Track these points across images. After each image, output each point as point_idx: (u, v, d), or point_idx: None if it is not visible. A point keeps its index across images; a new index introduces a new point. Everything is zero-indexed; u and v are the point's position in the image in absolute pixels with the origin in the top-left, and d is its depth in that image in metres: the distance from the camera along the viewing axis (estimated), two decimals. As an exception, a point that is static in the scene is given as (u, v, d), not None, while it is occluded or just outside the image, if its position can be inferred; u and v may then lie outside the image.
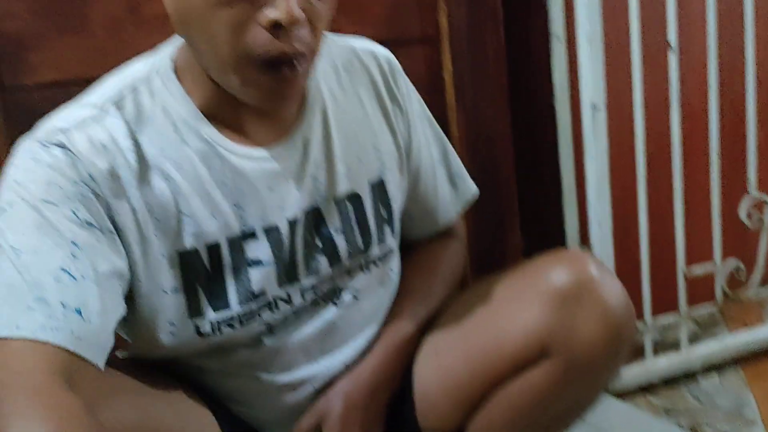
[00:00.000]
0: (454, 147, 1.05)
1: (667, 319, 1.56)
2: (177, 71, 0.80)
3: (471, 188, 1.05)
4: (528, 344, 0.84)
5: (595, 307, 0.82)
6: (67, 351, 0.65)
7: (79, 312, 0.66)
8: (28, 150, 0.73)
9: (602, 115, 1.33)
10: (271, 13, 0.69)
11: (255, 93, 0.75)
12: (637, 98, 1.37)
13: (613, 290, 0.84)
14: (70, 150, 0.72)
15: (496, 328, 0.88)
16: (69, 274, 0.68)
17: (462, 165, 1.05)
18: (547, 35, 1.42)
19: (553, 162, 1.46)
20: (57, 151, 0.72)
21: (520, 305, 0.86)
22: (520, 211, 1.40)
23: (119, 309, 0.73)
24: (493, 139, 1.38)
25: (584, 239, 1.47)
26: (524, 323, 0.85)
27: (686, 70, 1.44)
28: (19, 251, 0.68)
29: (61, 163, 0.72)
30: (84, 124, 0.75)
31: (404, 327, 0.94)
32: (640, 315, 1.44)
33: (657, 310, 1.49)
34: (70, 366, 0.65)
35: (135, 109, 0.78)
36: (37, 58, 1.12)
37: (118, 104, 0.77)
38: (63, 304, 0.66)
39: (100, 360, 0.68)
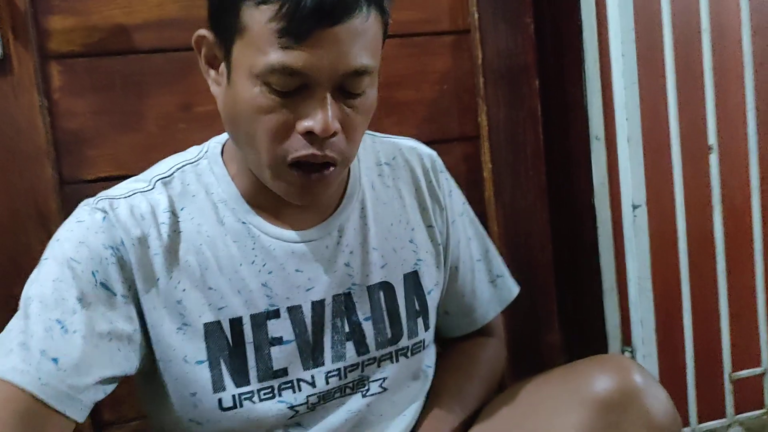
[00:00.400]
0: (492, 243, 1.06)
1: (713, 425, 1.50)
2: (224, 155, 0.86)
3: (512, 288, 1.05)
4: (570, 453, 0.82)
5: (640, 416, 0.81)
6: (32, 395, 0.69)
7: (55, 361, 0.71)
8: (78, 212, 0.81)
9: (643, 214, 1.33)
10: (308, 123, 0.73)
11: (286, 188, 0.79)
12: (678, 198, 1.37)
13: (659, 399, 0.83)
14: (109, 215, 0.79)
15: (536, 435, 0.86)
16: (62, 326, 0.73)
17: (504, 265, 1.05)
18: (586, 135, 1.44)
19: (593, 260, 1.45)
20: (98, 215, 0.79)
21: (561, 412, 0.84)
22: (559, 310, 1.39)
23: (112, 368, 0.76)
24: (531, 236, 1.39)
25: (626, 339, 1.44)
26: (567, 431, 0.82)
27: (727, 169, 1.44)
28: (31, 300, 0.75)
29: (98, 227, 0.78)
30: (131, 195, 0.82)
31: (440, 428, 0.92)
32: (685, 421, 1.39)
33: (703, 415, 1.43)
34: (32, 410, 0.69)
35: (180, 187, 0.84)
36: (96, 154, 1.17)
37: (166, 182, 0.83)
38: (42, 352, 0.71)
39: (70, 410, 0.72)
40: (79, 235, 0.77)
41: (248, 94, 0.74)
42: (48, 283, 0.75)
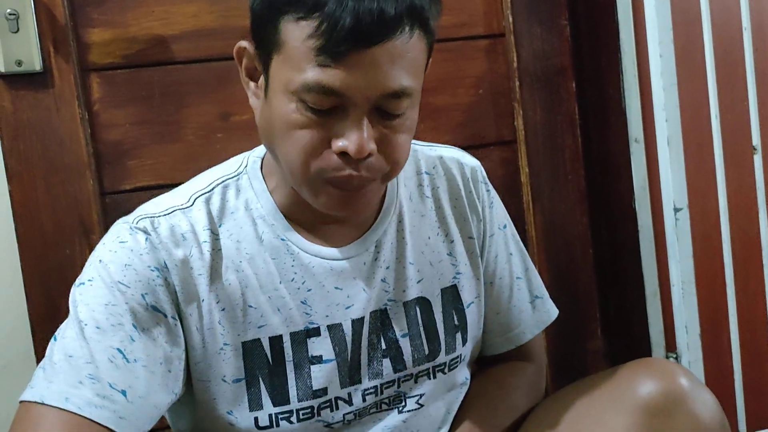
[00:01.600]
0: (530, 249, 1.04)
1: (765, 434, 1.46)
2: (263, 169, 0.85)
3: (551, 311, 1.01)
4: (616, 460, 0.80)
5: (687, 422, 0.79)
6: (108, 429, 0.70)
7: (124, 393, 0.71)
8: (117, 231, 0.80)
9: (685, 217, 1.30)
10: (342, 143, 0.72)
11: (325, 202, 0.77)
12: (721, 201, 1.34)
13: (707, 404, 0.81)
14: (151, 236, 0.78)
15: (581, 442, 0.84)
16: (123, 355, 0.73)
17: (544, 287, 1.01)
18: (625, 137, 1.42)
19: (635, 265, 1.43)
20: (141, 236, 0.78)
21: (607, 418, 0.82)
22: (601, 316, 1.37)
23: (166, 393, 0.76)
24: (571, 241, 1.37)
25: (670, 345, 1.41)
26: (612, 437, 0.81)
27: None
28: (85, 325, 0.73)
29: (141, 249, 0.77)
30: (171, 213, 0.81)
31: None
32: (734, 430, 1.35)
33: (752, 424, 1.40)
34: None
35: (220, 203, 0.83)
36: (135, 164, 1.19)
37: (207, 198, 0.82)
38: (111, 385, 0.71)
39: None
40: (124, 258, 0.77)
41: (284, 109, 0.73)
42: (100, 307, 0.74)
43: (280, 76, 0.73)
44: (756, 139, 1.34)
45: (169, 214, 0.80)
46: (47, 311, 1.15)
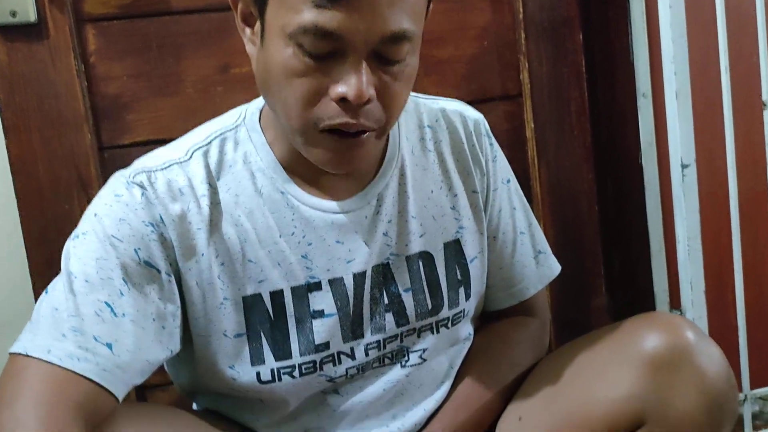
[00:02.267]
0: (535, 205, 1.03)
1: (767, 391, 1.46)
2: (262, 121, 0.84)
3: (553, 266, 1.01)
4: (619, 414, 0.80)
5: (693, 375, 0.78)
6: (91, 381, 0.69)
7: (110, 347, 0.71)
8: (114, 185, 0.79)
9: (692, 173, 1.29)
10: (341, 89, 0.70)
11: (319, 155, 0.76)
12: (729, 157, 1.32)
13: (713, 357, 0.80)
14: (148, 191, 0.77)
15: (584, 396, 0.84)
16: (111, 309, 0.73)
17: (547, 242, 1.01)
18: (633, 91, 1.40)
19: (641, 221, 1.42)
20: (137, 190, 0.77)
21: (611, 372, 0.82)
22: (605, 272, 1.37)
23: (160, 350, 0.76)
24: (576, 197, 1.36)
25: (675, 302, 1.41)
26: (615, 391, 0.81)
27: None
28: (75, 277, 0.73)
29: (137, 204, 0.76)
30: (169, 167, 0.80)
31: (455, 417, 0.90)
32: (737, 386, 1.35)
33: (756, 381, 1.40)
34: (90, 395, 0.70)
35: (218, 157, 0.81)
36: (134, 118, 1.18)
37: (205, 151, 0.81)
38: (96, 338, 0.71)
39: (121, 393, 0.72)
40: (119, 212, 0.76)
41: (280, 55, 0.71)
42: (91, 261, 0.74)
43: (276, 19, 0.71)
44: (766, 95, 1.32)
45: (166, 168, 0.79)
46: (47, 266, 1.15)
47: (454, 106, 0.94)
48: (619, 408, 0.80)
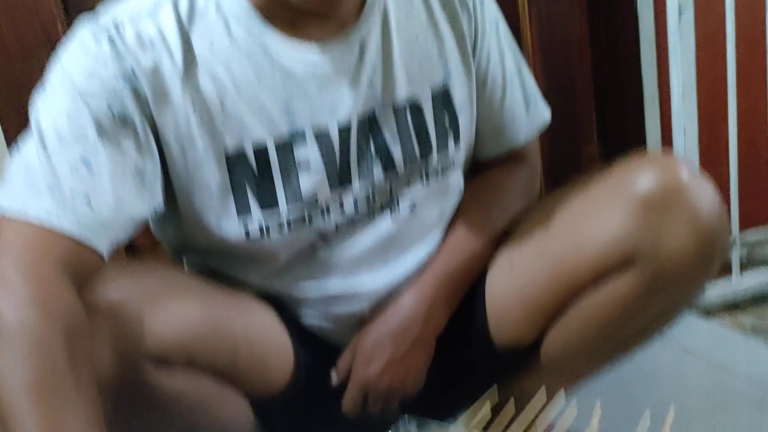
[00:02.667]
0: (526, 51, 0.99)
1: (755, 234, 1.50)
2: None
3: (544, 113, 0.98)
4: (610, 252, 0.80)
5: (685, 213, 0.77)
6: (71, 236, 0.68)
7: (88, 204, 0.70)
8: (81, 37, 0.75)
9: (690, 18, 1.25)
10: None
11: None
12: (728, 0, 1.28)
13: (705, 196, 0.79)
14: (117, 44, 0.73)
15: (576, 236, 0.83)
16: (87, 166, 0.71)
17: (537, 89, 0.98)
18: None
19: (634, 66, 1.40)
20: (105, 43, 0.73)
21: (602, 211, 0.81)
22: (597, 120, 1.36)
23: (142, 205, 0.75)
24: (568, 43, 1.32)
25: (667, 150, 1.41)
26: (606, 230, 0.80)
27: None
28: (46, 135, 0.71)
29: (107, 57, 0.73)
30: (138, 17, 0.75)
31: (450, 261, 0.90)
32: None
33: (745, 224, 1.43)
34: (72, 250, 0.69)
35: (189, 4, 0.77)
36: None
37: (174, 0, 0.77)
38: (73, 193, 0.69)
39: (106, 250, 0.71)
40: (89, 66, 0.73)
41: None
42: (62, 117, 0.71)
43: None
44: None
45: (134, 19, 0.75)
46: (22, 127, 1.11)
47: None
48: (611, 247, 0.80)
